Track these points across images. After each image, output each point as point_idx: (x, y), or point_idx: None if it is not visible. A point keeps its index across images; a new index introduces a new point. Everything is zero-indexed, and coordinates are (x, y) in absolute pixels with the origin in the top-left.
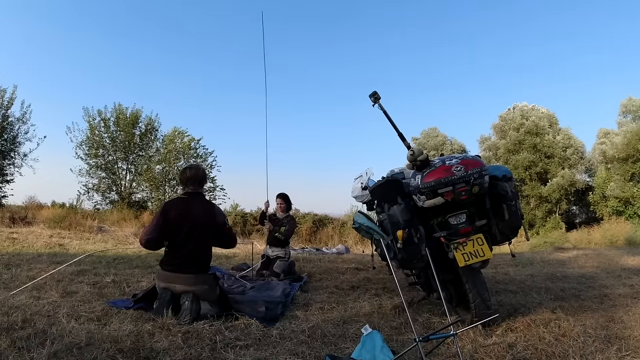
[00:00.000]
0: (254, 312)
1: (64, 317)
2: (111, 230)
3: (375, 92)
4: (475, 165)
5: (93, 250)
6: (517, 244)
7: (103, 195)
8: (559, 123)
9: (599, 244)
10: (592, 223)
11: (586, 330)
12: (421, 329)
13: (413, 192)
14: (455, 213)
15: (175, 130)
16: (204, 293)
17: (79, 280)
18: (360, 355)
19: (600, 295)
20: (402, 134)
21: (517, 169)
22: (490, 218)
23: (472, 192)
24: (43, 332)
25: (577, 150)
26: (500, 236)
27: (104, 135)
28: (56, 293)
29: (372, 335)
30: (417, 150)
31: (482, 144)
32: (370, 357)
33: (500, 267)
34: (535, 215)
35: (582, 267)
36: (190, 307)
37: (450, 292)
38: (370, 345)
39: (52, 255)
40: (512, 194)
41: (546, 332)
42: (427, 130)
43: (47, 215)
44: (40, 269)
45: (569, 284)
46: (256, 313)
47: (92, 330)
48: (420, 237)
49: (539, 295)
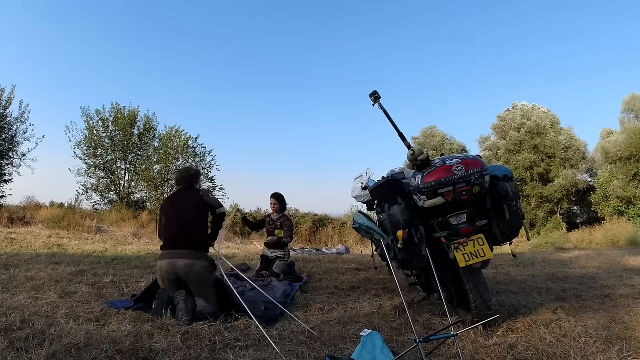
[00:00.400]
0: (255, 312)
1: (63, 318)
2: (110, 230)
3: (376, 92)
4: (476, 165)
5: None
6: (518, 245)
7: (102, 195)
8: (561, 123)
9: (600, 244)
10: (593, 223)
11: (588, 331)
12: (422, 329)
13: (413, 192)
14: (456, 213)
15: (172, 129)
16: (203, 273)
17: (78, 281)
18: (360, 356)
19: (602, 295)
20: (403, 133)
21: (517, 169)
22: (491, 218)
23: (473, 192)
24: (42, 333)
25: (579, 151)
26: (501, 236)
27: (103, 135)
28: (55, 294)
29: (372, 336)
30: (418, 150)
31: (482, 144)
32: (371, 358)
33: (501, 267)
34: (537, 215)
35: (584, 267)
36: (185, 307)
37: (450, 293)
38: (371, 346)
39: (51, 256)
40: (513, 194)
41: (547, 333)
42: (426, 128)
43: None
44: (38, 270)
45: (570, 284)
46: (258, 312)
47: (90, 331)
48: (420, 238)
49: (540, 296)
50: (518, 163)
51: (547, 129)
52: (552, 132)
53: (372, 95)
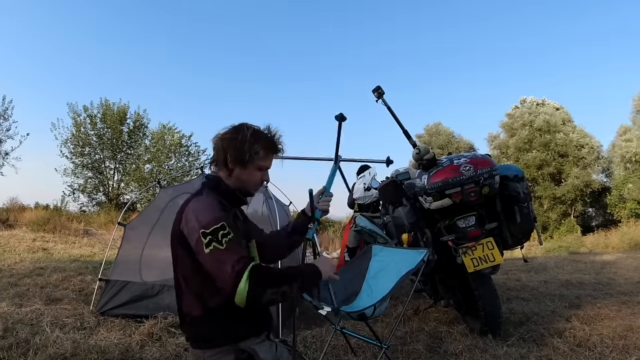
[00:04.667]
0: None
1: (48, 326)
2: (98, 233)
3: (379, 87)
4: (485, 165)
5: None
6: (530, 249)
7: (89, 197)
8: (573, 120)
9: (616, 248)
10: (609, 226)
11: (603, 340)
12: (428, 338)
13: (419, 193)
14: (463, 215)
15: (164, 126)
16: None
17: (64, 287)
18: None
19: (618, 302)
20: (408, 131)
21: (528, 168)
22: (501, 221)
23: (481, 193)
24: (26, 341)
25: (593, 149)
26: (512, 240)
27: (90, 133)
28: (40, 300)
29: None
30: (424, 148)
31: (490, 142)
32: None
33: (512, 272)
34: (549, 217)
35: (599, 273)
36: None
37: (458, 300)
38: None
39: (36, 261)
40: (524, 195)
41: (561, 342)
42: (431, 125)
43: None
44: (22, 275)
45: (585, 290)
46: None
47: (77, 339)
48: (426, 241)
49: (552, 303)
50: (529, 162)
51: (558, 126)
52: (563, 129)
53: (375, 91)
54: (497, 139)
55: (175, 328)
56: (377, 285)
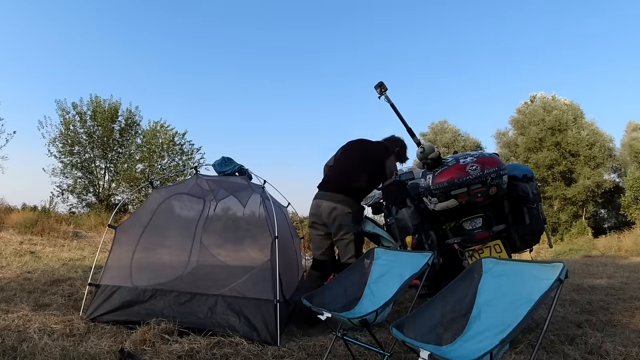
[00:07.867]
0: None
1: (36, 333)
2: (88, 236)
3: (382, 83)
4: (492, 164)
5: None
6: (539, 252)
7: (79, 197)
8: (584, 116)
9: (630, 251)
10: (622, 228)
11: (616, 347)
12: None
13: (423, 193)
14: (470, 217)
15: (156, 124)
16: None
17: (53, 292)
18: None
19: (632, 308)
20: (412, 128)
21: (538, 167)
22: (510, 222)
23: (489, 193)
24: (12, 349)
25: (605, 147)
26: (521, 242)
27: (80, 131)
28: (27, 306)
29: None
30: (428, 147)
31: (498, 140)
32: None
33: None
34: (559, 219)
35: (612, 276)
36: None
37: None
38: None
39: (23, 264)
40: (533, 196)
41: (572, 350)
42: (436, 123)
43: (17, 219)
44: (9, 279)
45: (597, 295)
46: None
47: (67, 347)
48: (431, 244)
49: (563, 309)
50: (539, 161)
51: (569, 123)
52: (574, 127)
53: (378, 87)
54: (506, 136)
55: (169, 335)
56: (379, 290)
